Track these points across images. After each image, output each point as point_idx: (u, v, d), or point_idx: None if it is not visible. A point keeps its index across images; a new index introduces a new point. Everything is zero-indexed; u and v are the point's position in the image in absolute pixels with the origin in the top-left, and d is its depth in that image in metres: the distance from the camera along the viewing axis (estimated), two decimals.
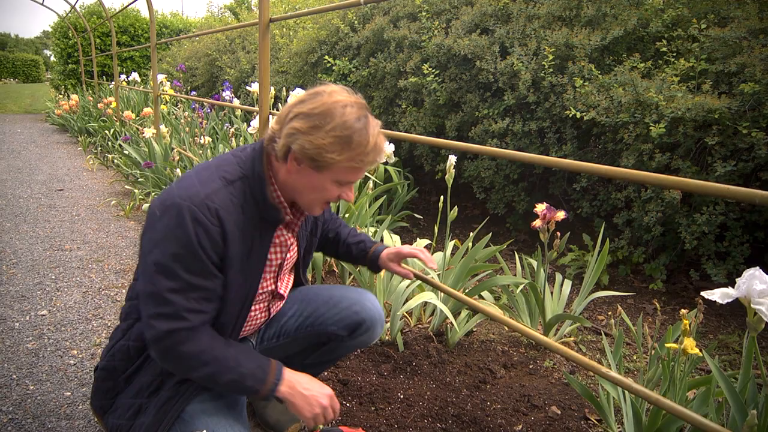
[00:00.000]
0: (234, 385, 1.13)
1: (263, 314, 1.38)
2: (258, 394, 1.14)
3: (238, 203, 1.13)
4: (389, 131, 2.25)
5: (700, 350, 1.40)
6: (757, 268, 1.00)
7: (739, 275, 1.02)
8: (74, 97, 8.72)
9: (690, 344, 1.44)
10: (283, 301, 1.44)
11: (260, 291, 1.29)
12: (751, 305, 0.97)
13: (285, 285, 1.40)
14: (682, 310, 1.47)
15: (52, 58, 15.21)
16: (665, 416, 1.49)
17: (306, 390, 1.17)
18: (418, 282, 2.15)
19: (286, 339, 1.46)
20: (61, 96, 10.81)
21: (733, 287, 1.02)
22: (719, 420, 1.41)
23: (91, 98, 8.82)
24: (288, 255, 1.34)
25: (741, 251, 2.39)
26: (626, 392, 1.49)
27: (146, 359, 1.23)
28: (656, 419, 1.48)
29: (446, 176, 2.14)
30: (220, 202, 1.09)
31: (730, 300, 1.00)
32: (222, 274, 1.14)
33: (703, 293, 1.04)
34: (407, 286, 2.13)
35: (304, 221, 1.38)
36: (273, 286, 1.33)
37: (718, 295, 1.00)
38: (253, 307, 1.31)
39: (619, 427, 1.63)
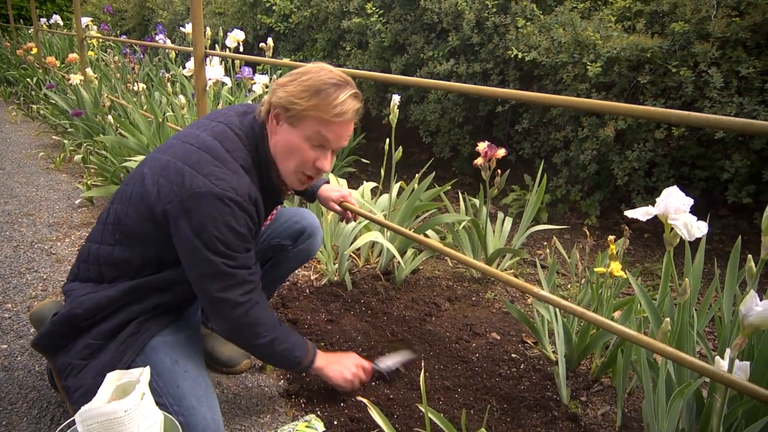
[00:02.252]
0: (286, 354, 1.28)
1: None
2: (300, 365, 1.32)
3: (258, 189, 1.23)
4: (338, 69, 2.20)
5: (625, 272, 1.51)
6: (675, 186, 1.07)
7: None
8: None
9: (616, 267, 1.55)
10: None
11: None
12: (668, 221, 1.05)
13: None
14: (610, 237, 1.57)
15: None
16: (592, 334, 1.61)
17: (336, 362, 1.41)
18: (365, 222, 2.18)
19: None
20: None
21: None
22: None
23: (9, 44, 8.07)
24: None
25: (668, 185, 2.52)
26: (558, 314, 1.60)
27: (119, 309, 1.23)
28: (585, 337, 1.60)
29: (390, 116, 2.13)
30: (256, 192, 1.20)
31: (650, 217, 1.07)
32: None
33: (626, 212, 1.11)
34: (354, 227, 2.15)
35: None
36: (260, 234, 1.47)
37: (640, 213, 1.07)
38: None
39: (552, 347, 1.75)
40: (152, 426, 1.03)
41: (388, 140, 2.22)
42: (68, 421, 1.03)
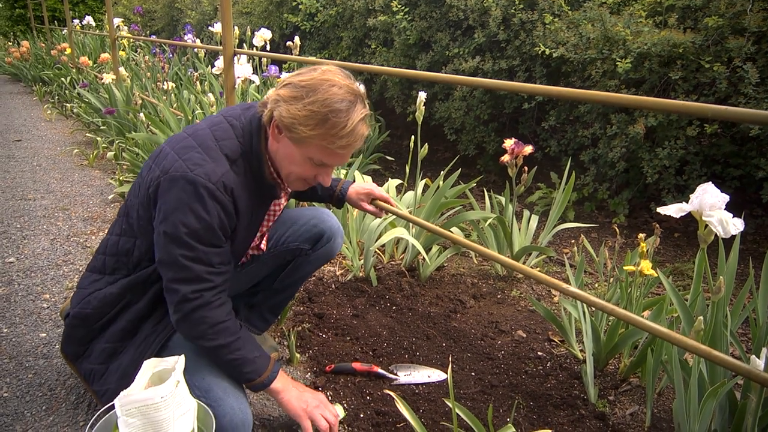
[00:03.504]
0: (233, 365, 1.18)
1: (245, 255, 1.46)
2: (251, 382, 1.20)
3: (242, 181, 1.17)
4: (362, 65, 2.21)
5: (656, 271, 1.48)
6: (710, 183, 1.05)
7: None
8: (24, 43, 8.22)
9: (646, 266, 1.53)
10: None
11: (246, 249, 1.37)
12: (703, 218, 1.03)
13: (266, 238, 1.48)
14: (640, 234, 1.55)
15: None
16: (621, 333, 1.59)
17: (297, 393, 1.24)
18: (391, 218, 2.19)
19: (250, 265, 1.50)
20: (10, 43, 10.16)
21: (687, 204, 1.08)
22: None
23: (43, 45, 8.33)
24: (277, 214, 1.41)
25: (699, 184, 2.48)
26: (586, 312, 1.58)
27: (123, 308, 1.25)
28: (613, 335, 1.58)
29: (416, 113, 2.13)
30: (234, 181, 1.14)
31: (683, 213, 1.05)
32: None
33: (659, 209, 1.09)
34: (379, 224, 2.17)
35: None
36: (258, 242, 1.42)
37: (673, 209, 1.06)
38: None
39: (579, 346, 1.74)
40: (186, 413, 1.06)
41: (413, 137, 2.22)
42: (107, 405, 1.07)
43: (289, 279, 1.57)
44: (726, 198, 1.04)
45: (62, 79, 6.15)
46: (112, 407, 1.01)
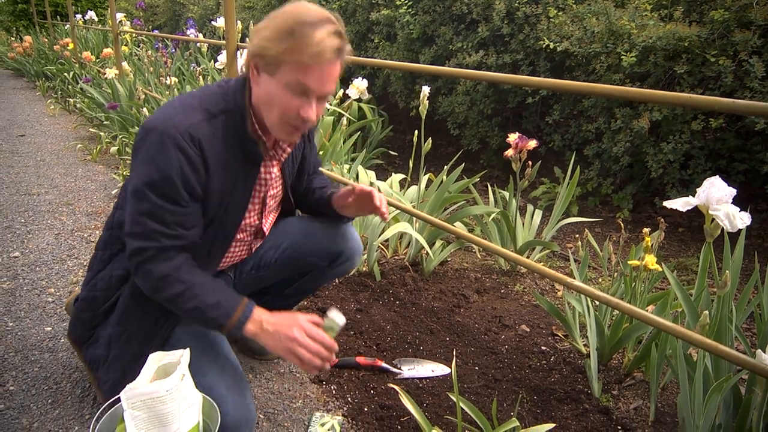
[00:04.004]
0: (197, 314, 1.11)
1: (244, 251, 1.39)
2: (222, 329, 1.12)
3: (221, 136, 1.12)
4: (365, 59, 2.20)
5: (660, 266, 1.48)
6: (717, 176, 1.05)
7: None
8: (27, 38, 8.22)
9: (651, 260, 1.52)
10: (262, 241, 1.45)
11: (243, 226, 1.30)
12: (709, 212, 1.03)
13: (269, 222, 1.40)
14: (645, 229, 1.54)
15: None
16: (625, 328, 1.59)
17: (272, 325, 1.11)
18: (395, 213, 2.19)
19: (265, 270, 1.47)
20: (13, 38, 10.16)
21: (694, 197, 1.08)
22: None
23: (46, 40, 8.32)
24: (272, 191, 1.33)
25: (704, 178, 2.46)
26: (590, 306, 1.58)
27: (128, 292, 1.23)
28: (617, 330, 1.58)
29: (420, 108, 2.13)
30: (204, 133, 1.09)
31: (690, 207, 1.05)
32: (202, 205, 1.14)
33: (665, 203, 1.09)
34: None
35: (291, 159, 1.35)
36: (257, 221, 1.33)
37: (679, 203, 1.05)
38: (234, 242, 1.32)
39: (583, 340, 1.74)
40: (191, 407, 1.06)
41: (416, 132, 2.22)
42: (112, 399, 1.07)
43: (302, 288, 1.56)
44: (733, 192, 1.03)
45: (65, 74, 6.15)
46: (118, 400, 1.02)
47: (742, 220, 1.00)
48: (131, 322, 1.24)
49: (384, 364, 1.59)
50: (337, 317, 1.15)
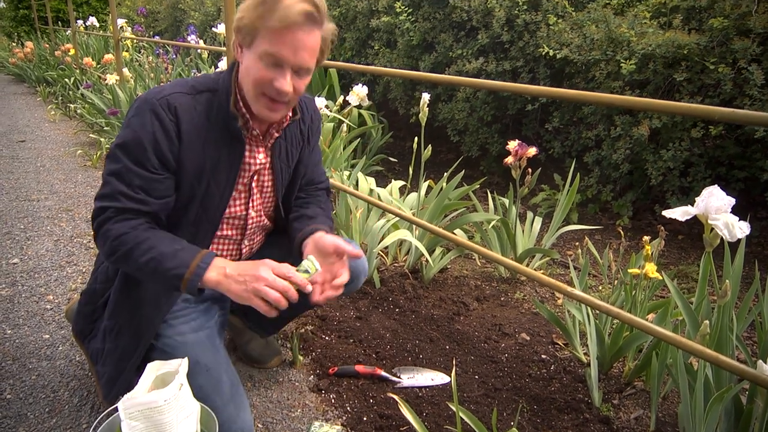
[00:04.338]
0: (155, 267, 1.05)
1: (233, 249, 1.34)
2: (182, 282, 1.05)
3: (202, 110, 1.15)
4: (365, 66, 2.21)
5: (661, 274, 1.48)
6: (716, 186, 1.04)
7: None
8: (29, 43, 8.25)
9: (651, 269, 1.52)
10: (253, 246, 1.41)
11: (229, 214, 1.27)
12: (708, 221, 1.03)
13: (257, 216, 1.34)
14: (645, 237, 1.54)
15: (2, 4, 14.23)
16: (626, 337, 1.58)
17: (236, 269, 1.06)
18: (394, 220, 2.18)
19: None
20: (14, 44, 10.20)
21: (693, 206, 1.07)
22: None
23: (47, 46, 8.35)
24: (259, 178, 1.29)
25: (704, 186, 2.46)
26: (590, 315, 1.57)
27: (124, 284, 1.22)
28: (618, 339, 1.57)
29: (420, 115, 2.13)
30: (182, 102, 1.11)
31: (689, 217, 1.05)
32: (177, 177, 1.14)
33: (665, 212, 1.09)
34: (382, 225, 2.16)
35: (286, 154, 1.32)
36: (243, 212, 1.29)
37: (678, 212, 1.05)
38: (220, 235, 1.29)
39: (584, 349, 1.73)
40: (189, 416, 1.05)
41: (416, 138, 2.22)
42: (109, 408, 1.07)
43: (304, 303, 1.55)
44: (732, 201, 1.03)
45: (66, 79, 6.17)
46: (116, 410, 1.01)
47: (742, 229, 1.00)
48: (122, 314, 1.23)
49: (383, 373, 1.58)
50: (314, 261, 1.10)
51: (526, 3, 2.87)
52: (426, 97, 2.13)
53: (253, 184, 1.29)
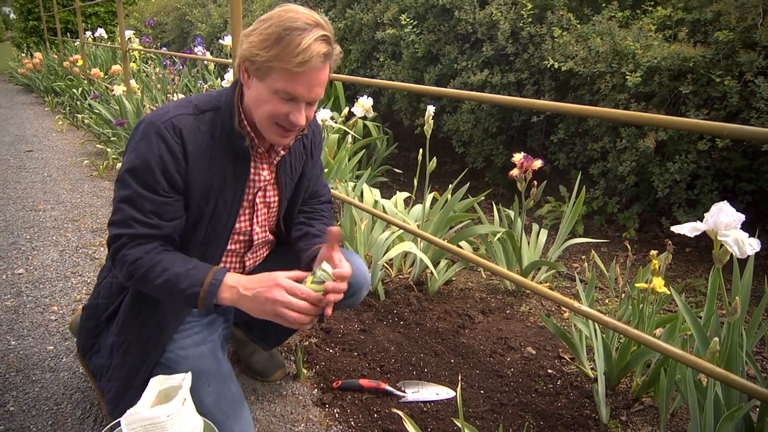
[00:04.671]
0: (169, 288, 1.08)
1: (237, 263, 1.35)
2: (198, 298, 1.07)
3: (206, 130, 1.15)
4: (370, 80, 2.22)
5: (668, 289, 1.46)
6: (725, 201, 1.04)
7: None
8: (38, 54, 8.35)
9: (659, 283, 1.50)
10: (257, 259, 1.41)
11: (235, 230, 1.27)
12: (718, 237, 1.01)
13: (262, 231, 1.36)
14: (652, 251, 1.52)
15: (12, 16, 14.44)
16: (633, 351, 1.56)
17: (250, 290, 1.07)
18: (399, 232, 2.18)
19: None
20: (24, 55, 10.32)
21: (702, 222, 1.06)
22: None
23: (56, 56, 8.44)
24: (264, 195, 1.30)
25: (711, 199, 2.46)
26: (597, 330, 1.56)
27: (129, 299, 1.22)
28: (625, 354, 1.55)
29: (425, 127, 2.13)
30: (186, 123, 1.12)
31: (698, 233, 1.04)
32: (185, 198, 1.15)
33: (673, 228, 1.08)
34: (387, 237, 2.16)
35: (290, 168, 1.33)
36: (248, 227, 1.30)
37: (687, 228, 1.04)
38: (227, 252, 1.30)
39: (590, 364, 1.71)
40: (193, 431, 1.04)
41: (421, 150, 2.22)
42: (112, 423, 1.06)
43: None
44: (742, 217, 1.02)
45: (74, 90, 6.22)
46: (118, 424, 1.00)
47: (752, 246, 0.99)
48: (131, 331, 1.23)
49: (388, 387, 1.57)
50: (327, 268, 1.10)
51: (531, 15, 2.88)
52: (431, 109, 2.13)
53: (257, 200, 1.30)
